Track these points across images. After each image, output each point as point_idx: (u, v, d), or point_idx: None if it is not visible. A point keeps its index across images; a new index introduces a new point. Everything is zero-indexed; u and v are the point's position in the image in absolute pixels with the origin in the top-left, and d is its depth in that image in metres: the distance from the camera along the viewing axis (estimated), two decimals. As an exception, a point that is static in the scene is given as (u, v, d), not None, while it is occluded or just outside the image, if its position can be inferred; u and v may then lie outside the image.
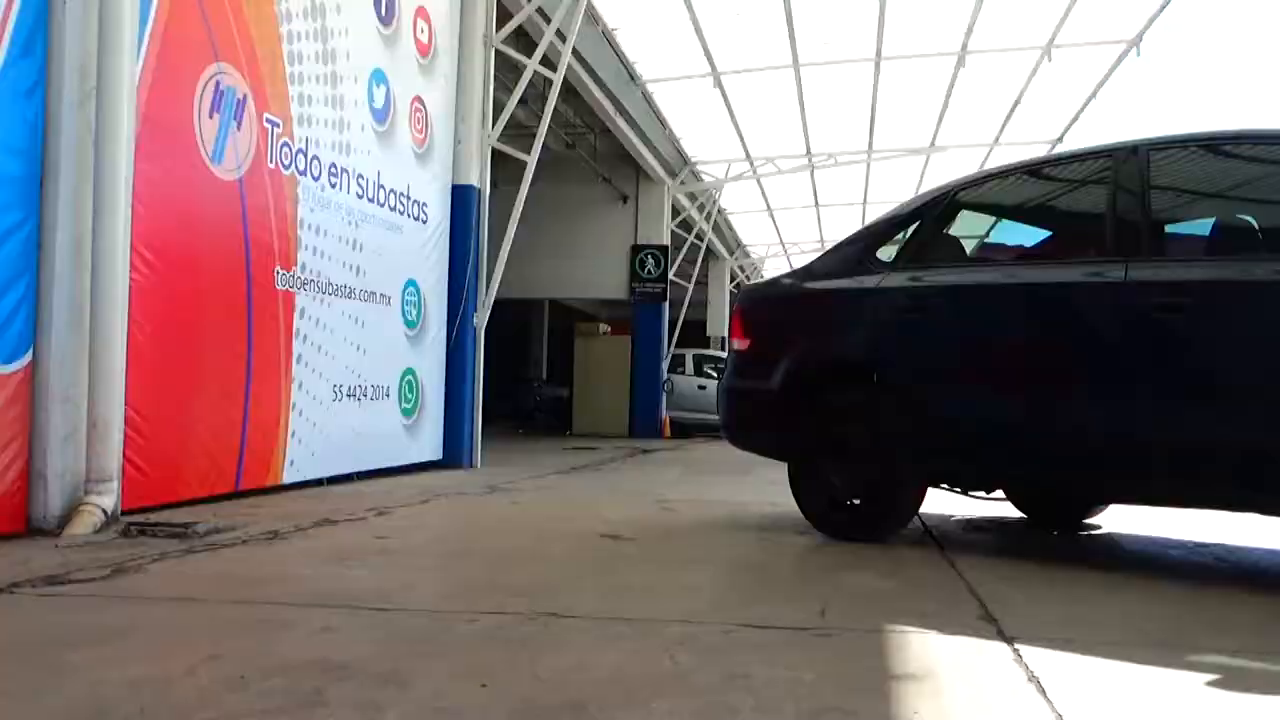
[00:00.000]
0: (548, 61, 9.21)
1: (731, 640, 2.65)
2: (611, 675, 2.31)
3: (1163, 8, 10.50)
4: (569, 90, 11.79)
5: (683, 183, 17.49)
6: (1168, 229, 4.18)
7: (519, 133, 11.60)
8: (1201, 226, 4.08)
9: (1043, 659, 2.50)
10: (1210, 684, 2.33)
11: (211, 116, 5.45)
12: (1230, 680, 2.37)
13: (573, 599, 3.16)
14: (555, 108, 9.90)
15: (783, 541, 4.54)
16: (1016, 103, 13.71)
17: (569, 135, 15.56)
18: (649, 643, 2.61)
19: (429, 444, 8.35)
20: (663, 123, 14.98)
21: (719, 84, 12.95)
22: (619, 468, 9.37)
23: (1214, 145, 4.12)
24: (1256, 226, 3.93)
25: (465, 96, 8.69)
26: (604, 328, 18.23)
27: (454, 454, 8.58)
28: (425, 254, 8.20)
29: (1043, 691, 2.24)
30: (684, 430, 17.54)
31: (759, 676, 2.30)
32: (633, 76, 13.05)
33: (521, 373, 26.64)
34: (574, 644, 2.59)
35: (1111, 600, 3.33)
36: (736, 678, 2.28)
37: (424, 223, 8.14)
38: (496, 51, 9.06)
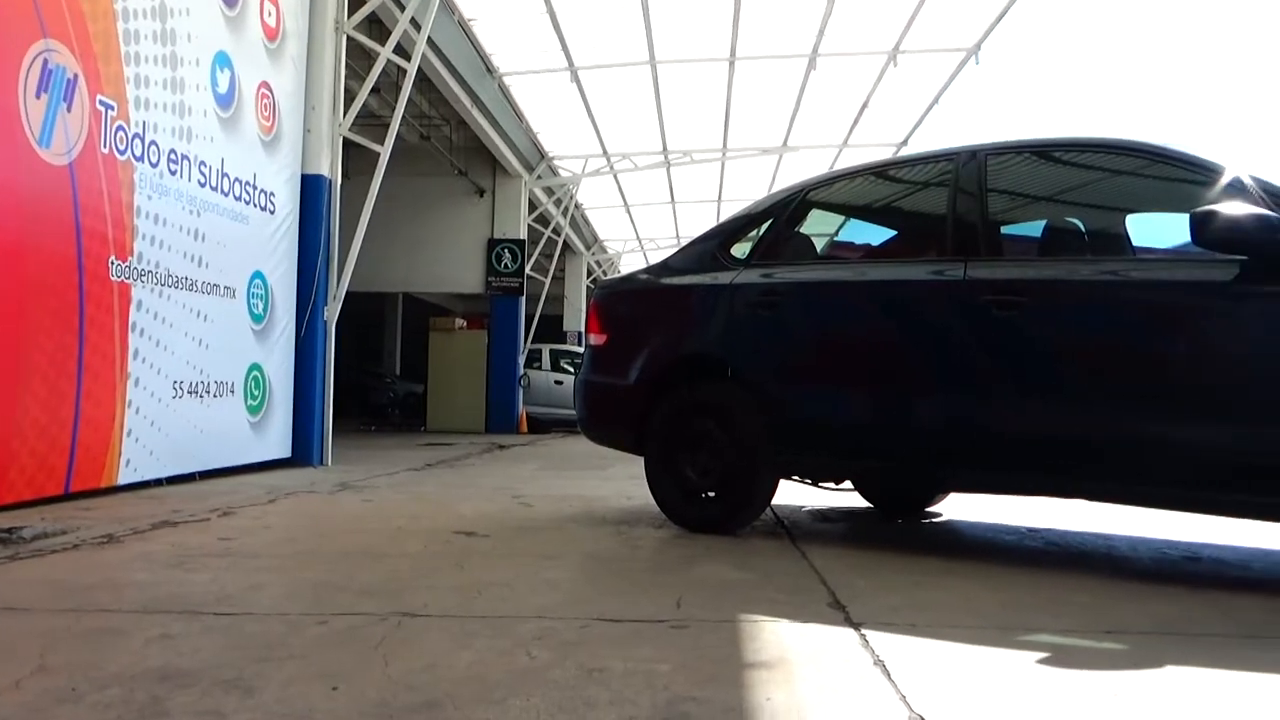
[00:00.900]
0: (401, 50, 9.03)
1: (588, 634, 2.65)
2: (467, 673, 2.28)
3: (999, 19, 11.04)
4: (424, 80, 11.59)
5: (540, 177, 17.42)
6: (1004, 230, 4.37)
7: (372, 123, 11.35)
8: (1034, 228, 4.29)
9: (888, 643, 2.59)
10: (1043, 662, 2.45)
11: (38, 97, 5.13)
12: (1062, 658, 2.50)
13: (427, 597, 3.11)
14: (409, 98, 9.71)
15: (639, 535, 4.57)
16: (864, 106, 14.18)
17: (424, 126, 15.31)
18: (505, 639, 2.58)
19: (277, 442, 8.08)
20: (519, 116, 14.88)
21: (576, 79, 12.95)
22: (474, 464, 9.27)
23: (1045, 151, 4.35)
24: (1083, 229, 4.18)
25: (315, 84, 8.44)
26: (459, 322, 18.02)
27: (304, 452, 8.34)
28: (273, 245, 7.92)
29: (888, 674, 2.32)
30: (540, 426, 17.53)
31: (615, 669, 2.31)
32: (489, 68, 12.92)
33: (375, 368, 26.15)
34: (429, 643, 2.55)
35: (952, 585, 3.47)
36: (593, 671, 2.29)
37: (271, 213, 7.87)
38: (348, 38, 8.83)
